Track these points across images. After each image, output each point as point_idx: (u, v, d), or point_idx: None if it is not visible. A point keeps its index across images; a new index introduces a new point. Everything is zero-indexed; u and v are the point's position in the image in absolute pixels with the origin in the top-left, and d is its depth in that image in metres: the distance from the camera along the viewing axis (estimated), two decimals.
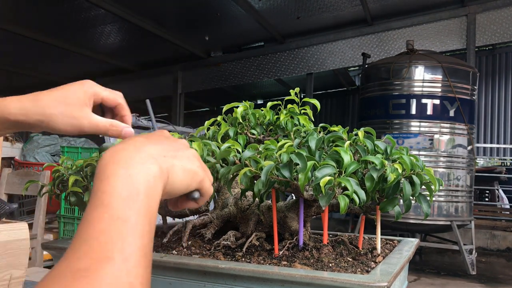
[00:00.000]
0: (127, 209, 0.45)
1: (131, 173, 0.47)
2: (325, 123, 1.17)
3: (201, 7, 6.71)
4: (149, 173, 0.49)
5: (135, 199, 0.46)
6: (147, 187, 0.48)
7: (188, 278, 0.85)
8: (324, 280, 0.74)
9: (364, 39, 7.54)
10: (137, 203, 0.46)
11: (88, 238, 0.43)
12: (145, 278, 0.43)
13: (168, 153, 0.54)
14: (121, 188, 0.46)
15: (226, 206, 1.17)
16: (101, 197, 0.45)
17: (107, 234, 0.43)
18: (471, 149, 5.71)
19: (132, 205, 0.45)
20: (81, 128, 0.72)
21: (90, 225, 0.44)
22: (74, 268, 0.41)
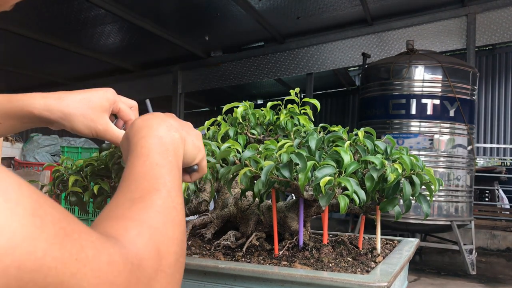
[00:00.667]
0: (162, 159, 0.56)
1: (161, 135, 0.59)
2: (325, 123, 1.16)
3: (201, 7, 6.70)
4: (174, 137, 0.61)
5: (167, 153, 0.58)
6: (173, 147, 0.60)
7: (188, 278, 0.85)
8: (324, 280, 0.74)
9: (364, 39, 7.54)
10: (169, 156, 0.57)
11: (137, 178, 0.53)
12: (182, 206, 0.54)
13: (183, 128, 0.65)
14: (155, 145, 0.58)
15: (226, 206, 1.17)
16: (141, 150, 0.57)
17: (151, 174, 0.54)
18: (471, 149, 5.71)
19: (165, 157, 0.57)
20: (96, 132, 0.79)
21: (135, 169, 0.54)
22: (130, 197, 0.50)
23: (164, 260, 0.45)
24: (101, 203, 1.01)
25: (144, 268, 0.42)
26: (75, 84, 9.25)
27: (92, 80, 9.53)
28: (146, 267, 0.42)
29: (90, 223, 2.07)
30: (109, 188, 1.00)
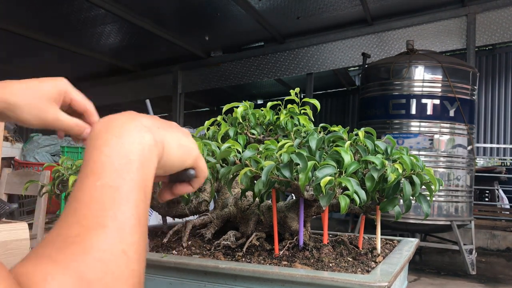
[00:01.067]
0: (119, 178, 0.43)
1: (123, 142, 0.46)
2: (325, 123, 1.16)
3: (201, 7, 6.70)
4: (143, 142, 0.47)
5: (128, 168, 0.44)
6: (140, 156, 0.46)
7: (188, 278, 0.85)
8: (324, 280, 0.74)
9: (364, 39, 7.54)
10: (130, 173, 0.44)
11: (79, 207, 0.41)
12: (141, 246, 0.42)
13: (162, 125, 0.52)
14: (113, 157, 0.44)
15: (226, 206, 1.16)
16: (93, 166, 0.44)
17: (99, 201, 0.41)
18: (471, 149, 5.71)
19: (125, 174, 0.44)
20: (45, 121, 0.71)
21: (81, 193, 0.42)
22: (64, 234, 0.39)
23: None
24: None
25: None
26: (75, 84, 9.24)
27: (92, 80, 9.53)
28: None
29: None
30: None
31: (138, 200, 0.43)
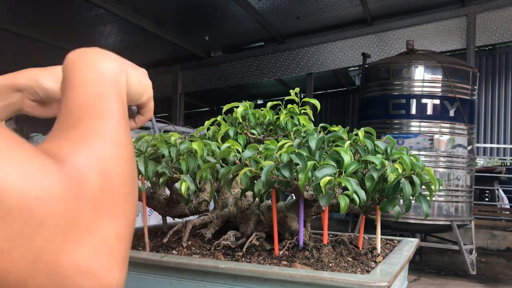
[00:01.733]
0: (100, 87, 0.49)
1: (98, 65, 0.52)
2: (325, 123, 1.16)
3: (201, 7, 6.70)
4: (112, 67, 0.53)
5: (105, 81, 0.50)
6: (114, 78, 0.52)
7: (188, 278, 0.85)
8: (324, 280, 0.74)
9: (364, 39, 7.54)
10: (107, 85, 0.50)
11: (74, 107, 0.46)
12: (126, 136, 0.46)
13: (124, 62, 0.58)
14: (91, 75, 0.50)
15: (226, 206, 1.16)
16: (76, 82, 0.49)
17: (92, 102, 0.47)
18: (471, 149, 5.71)
19: (103, 85, 0.50)
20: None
21: (72, 100, 0.47)
22: (70, 124, 0.44)
23: (109, 180, 0.39)
24: None
25: (86, 184, 0.37)
26: None
27: None
28: (88, 183, 0.37)
29: None
30: None
31: (121, 107, 0.49)
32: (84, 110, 0.46)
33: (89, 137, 0.42)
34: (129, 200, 0.42)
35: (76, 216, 0.35)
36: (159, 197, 1.14)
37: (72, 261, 0.34)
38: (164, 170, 0.96)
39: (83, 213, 0.36)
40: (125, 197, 0.41)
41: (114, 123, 0.46)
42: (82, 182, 0.37)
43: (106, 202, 0.38)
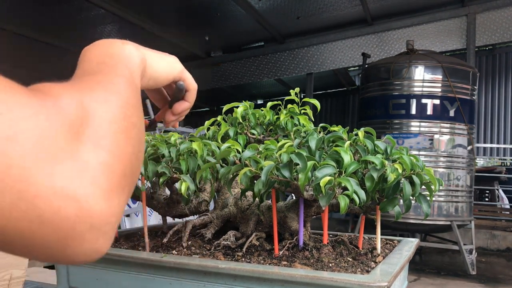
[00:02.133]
0: (104, 57, 0.49)
1: (104, 45, 0.52)
2: (325, 123, 1.16)
3: (201, 7, 6.70)
4: (119, 45, 0.53)
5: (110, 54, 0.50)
6: (119, 51, 0.52)
7: (188, 278, 0.85)
8: (324, 280, 0.74)
9: (364, 39, 7.54)
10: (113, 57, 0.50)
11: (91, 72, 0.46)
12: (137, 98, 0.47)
13: (141, 46, 0.59)
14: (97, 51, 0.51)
15: (226, 206, 1.16)
16: (82, 58, 0.50)
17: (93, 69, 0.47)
18: (471, 149, 5.71)
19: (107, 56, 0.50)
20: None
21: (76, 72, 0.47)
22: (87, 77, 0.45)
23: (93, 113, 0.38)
24: None
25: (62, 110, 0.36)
26: None
27: None
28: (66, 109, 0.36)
29: None
30: None
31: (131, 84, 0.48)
32: (87, 74, 0.46)
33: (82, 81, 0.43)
34: (119, 138, 0.39)
35: (49, 135, 0.33)
36: (159, 197, 1.14)
37: (46, 180, 0.32)
38: (164, 170, 0.96)
39: (58, 135, 0.34)
40: (112, 133, 0.39)
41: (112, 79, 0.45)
42: (59, 107, 0.36)
43: (86, 132, 0.37)
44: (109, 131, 0.39)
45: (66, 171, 0.34)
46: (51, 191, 0.33)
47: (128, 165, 0.40)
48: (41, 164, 0.32)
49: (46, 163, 0.33)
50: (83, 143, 0.36)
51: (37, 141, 0.33)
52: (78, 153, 0.35)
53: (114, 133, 0.39)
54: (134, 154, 0.42)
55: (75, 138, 0.36)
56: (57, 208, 0.33)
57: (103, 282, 0.93)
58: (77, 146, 0.35)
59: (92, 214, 0.35)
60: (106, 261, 0.92)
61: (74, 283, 0.97)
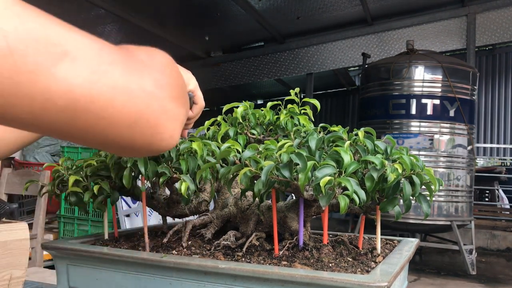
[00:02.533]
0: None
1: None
2: (325, 123, 1.16)
3: (201, 7, 6.70)
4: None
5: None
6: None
7: (188, 278, 0.85)
8: (324, 280, 0.74)
9: (364, 39, 7.54)
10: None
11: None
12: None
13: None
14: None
15: (226, 206, 1.16)
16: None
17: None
18: (471, 149, 5.71)
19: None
20: None
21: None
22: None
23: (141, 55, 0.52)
24: (101, 203, 1.01)
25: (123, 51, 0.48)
26: None
27: None
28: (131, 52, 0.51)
29: (90, 223, 2.10)
30: (109, 188, 1.00)
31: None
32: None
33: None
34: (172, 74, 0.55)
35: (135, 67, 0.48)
36: (159, 197, 1.14)
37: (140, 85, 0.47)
38: (164, 170, 0.96)
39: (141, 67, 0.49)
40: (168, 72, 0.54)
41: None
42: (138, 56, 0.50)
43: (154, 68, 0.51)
44: (166, 70, 0.54)
45: (150, 82, 0.49)
46: (143, 93, 0.47)
47: (180, 90, 0.56)
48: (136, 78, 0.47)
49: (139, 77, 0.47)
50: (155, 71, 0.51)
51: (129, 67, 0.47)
52: (152, 74, 0.50)
53: (169, 72, 0.54)
54: (179, 85, 0.57)
55: (148, 68, 0.50)
56: (148, 104, 0.48)
57: (103, 282, 0.93)
58: (151, 71, 0.50)
59: (169, 111, 0.51)
60: (106, 261, 0.92)
61: (74, 283, 0.97)
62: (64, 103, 0.40)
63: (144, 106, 0.47)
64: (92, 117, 0.43)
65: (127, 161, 0.95)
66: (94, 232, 3.92)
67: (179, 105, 0.54)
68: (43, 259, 3.31)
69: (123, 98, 0.45)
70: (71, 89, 0.40)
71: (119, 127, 0.46)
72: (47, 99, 0.39)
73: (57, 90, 0.39)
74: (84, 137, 0.45)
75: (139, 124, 0.47)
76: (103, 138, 0.46)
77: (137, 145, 0.50)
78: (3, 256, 1.27)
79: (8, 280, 1.29)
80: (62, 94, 0.39)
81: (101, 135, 0.46)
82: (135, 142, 0.49)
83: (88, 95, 0.41)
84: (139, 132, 0.48)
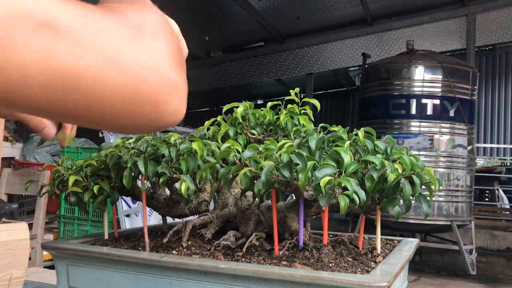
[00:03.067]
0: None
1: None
2: (325, 123, 1.16)
3: (201, 7, 6.71)
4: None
5: None
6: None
7: (188, 278, 0.85)
8: (324, 280, 0.74)
9: (364, 39, 7.54)
10: None
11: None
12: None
13: None
14: None
15: (226, 206, 1.16)
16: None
17: None
18: (471, 149, 5.71)
19: None
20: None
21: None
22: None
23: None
24: (101, 203, 1.01)
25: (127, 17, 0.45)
26: None
27: None
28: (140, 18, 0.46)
29: (90, 223, 2.10)
30: (109, 188, 1.00)
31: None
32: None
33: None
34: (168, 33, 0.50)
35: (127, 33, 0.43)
36: (159, 197, 1.14)
37: (134, 57, 0.42)
38: (164, 170, 0.96)
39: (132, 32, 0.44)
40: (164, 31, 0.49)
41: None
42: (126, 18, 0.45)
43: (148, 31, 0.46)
44: (160, 32, 0.48)
45: (146, 52, 0.44)
46: (139, 66, 0.43)
47: (178, 53, 0.51)
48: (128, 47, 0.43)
49: (132, 48, 0.43)
50: (149, 36, 0.46)
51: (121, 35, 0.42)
52: (147, 42, 0.45)
53: (164, 34, 0.49)
54: (176, 47, 0.51)
55: (142, 35, 0.45)
56: (144, 78, 0.43)
57: (103, 282, 0.93)
58: (145, 38, 0.45)
59: (170, 82, 0.46)
60: (106, 261, 0.92)
61: (74, 283, 0.97)
62: (46, 79, 0.37)
63: (140, 81, 0.43)
64: (81, 95, 0.40)
65: (127, 161, 0.95)
66: (94, 232, 3.92)
67: (180, 72, 0.48)
68: (43, 259, 3.31)
69: (114, 74, 0.41)
70: (51, 64, 0.37)
71: (113, 106, 0.42)
72: (25, 75, 0.36)
73: (35, 65, 0.36)
74: (78, 117, 0.42)
75: (136, 102, 0.43)
76: (99, 118, 0.43)
77: (139, 124, 0.46)
78: (3, 256, 1.27)
79: (8, 280, 1.29)
80: (41, 69, 0.36)
81: (95, 114, 0.42)
82: (135, 120, 0.45)
83: (73, 70, 0.38)
84: (138, 110, 0.44)
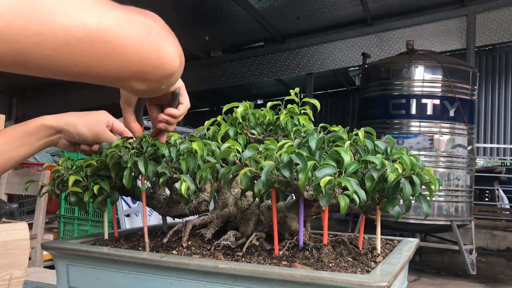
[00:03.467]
0: None
1: None
2: (325, 123, 1.16)
3: (201, 7, 6.70)
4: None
5: None
6: None
7: (188, 278, 0.85)
8: (324, 280, 0.74)
9: (364, 39, 7.54)
10: None
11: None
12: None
13: None
14: None
15: (226, 206, 1.16)
16: None
17: None
18: (471, 149, 5.71)
19: None
20: (96, 133, 1.02)
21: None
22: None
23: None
24: (101, 203, 1.01)
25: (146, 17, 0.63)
26: (74, 84, 9.24)
27: None
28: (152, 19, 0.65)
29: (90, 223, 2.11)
30: (109, 188, 1.00)
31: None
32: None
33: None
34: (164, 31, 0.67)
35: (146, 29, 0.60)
36: (159, 197, 1.14)
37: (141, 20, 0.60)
38: (164, 170, 0.96)
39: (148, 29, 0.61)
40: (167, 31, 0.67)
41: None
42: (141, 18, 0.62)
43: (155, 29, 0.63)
44: (157, 16, 0.65)
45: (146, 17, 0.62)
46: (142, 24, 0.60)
47: (169, 29, 0.67)
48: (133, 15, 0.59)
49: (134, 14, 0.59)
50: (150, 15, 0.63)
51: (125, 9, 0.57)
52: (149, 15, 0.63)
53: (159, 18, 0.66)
54: (168, 28, 0.67)
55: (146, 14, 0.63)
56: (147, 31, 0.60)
57: (103, 282, 0.93)
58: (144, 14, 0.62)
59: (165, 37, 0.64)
60: (106, 261, 0.92)
61: (74, 283, 0.97)
62: (82, 35, 0.48)
63: (145, 33, 0.58)
64: (107, 46, 0.52)
65: (127, 161, 0.95)
66: (94, 232, 3.92)
67: (172, 37, 0.64)
68: (43, 259, 3.31)
69: (128, 28, 0.55)
70: (85, 23, 0.48)
71: (130, 53, 0.55)
72: (67, 34, 0.47)
73: (74, 25, 0.47)
74: (102, 67, 0.53)
75: (145, 48, 0.58)
76: (119, 66, 0.55)
77: (147, 69, 0.59)
78: (3, 256, 1.27)
79: (8, 280, 1.29)
80: (78, 28, 0.48)
81: (116, 63, 0.54)
82: (145, 66, 0.58)
83: (99, 26, 0.50)
84: (147, 56, 0.58)
